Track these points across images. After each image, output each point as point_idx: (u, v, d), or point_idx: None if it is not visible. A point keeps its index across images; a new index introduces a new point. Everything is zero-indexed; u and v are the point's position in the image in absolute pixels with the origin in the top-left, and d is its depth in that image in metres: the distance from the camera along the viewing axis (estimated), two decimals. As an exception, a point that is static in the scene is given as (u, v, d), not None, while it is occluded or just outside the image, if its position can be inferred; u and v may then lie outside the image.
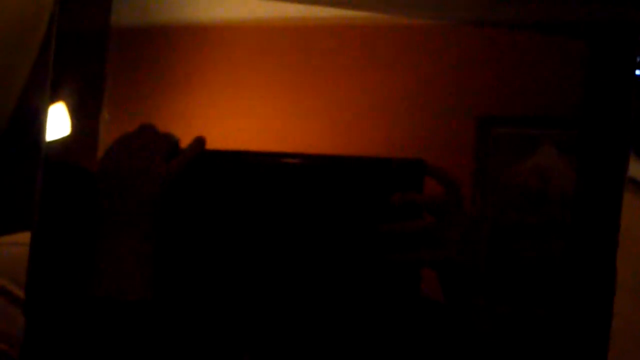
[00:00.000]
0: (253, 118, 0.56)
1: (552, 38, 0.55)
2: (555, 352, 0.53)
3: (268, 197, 0.50)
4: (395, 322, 0.51)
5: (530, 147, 0.56)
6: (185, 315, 0.49)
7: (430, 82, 0.57)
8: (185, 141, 0.50)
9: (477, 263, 0.50)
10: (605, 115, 0.52)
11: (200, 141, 0.49)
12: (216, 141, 0.50)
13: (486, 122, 0.57)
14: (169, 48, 0.54)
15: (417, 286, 0.50)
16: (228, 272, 0.50)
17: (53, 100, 0.49)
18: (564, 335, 0.53)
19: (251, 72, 0.56)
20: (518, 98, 0.58)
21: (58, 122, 0.50)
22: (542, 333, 0.54)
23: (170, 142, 0.48)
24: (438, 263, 0.49)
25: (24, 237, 0.52)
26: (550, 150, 0.56)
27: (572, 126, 0.55)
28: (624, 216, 0.52)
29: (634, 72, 0.52)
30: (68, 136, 0.50)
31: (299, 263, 0.50)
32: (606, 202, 0.52)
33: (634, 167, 0.78)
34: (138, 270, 0.45)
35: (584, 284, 0.52)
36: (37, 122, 0.48)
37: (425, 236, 0.49)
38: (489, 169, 0.57)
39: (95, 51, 0.51)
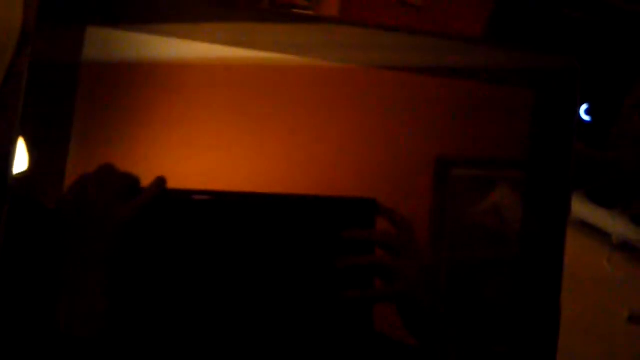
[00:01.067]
0: (215, 157, 0.56)
1: (502, 85, 0.57)
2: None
3: (224, 235, 0.50)
4: (350, 358, 0.51)
5: (487, 188, 0.57)
6: (142, 352, 0.49)
7: (388, 124, 0.58)
8: (147, 180, 0.50)
9: (434, 299, 0.51)
10: (549, 157, 0.55)
11: (160, 181, 0.49)
12: (177, 179, 0.51)
13: (445, 164, 0.57)
14: (134, 87, 0.55)
15: (370, 322, 0.50)
16: (183, 309, 0.50)
17: (20, 134, 0.49)
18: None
19: (217, 112, 0.56)
20: (474, 140, 0.59)
21: (24, 157, 0.49)
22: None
23: (130, 181, 0.49)
24: (393, 298, 0.49)
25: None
26: (506, 189, 0.57)
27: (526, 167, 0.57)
28: (574, 256, 0.54)
29: (575, 116, 0.55)
30: (34, 172, 0.49)
31: (253, 300, 0.50)
32: (551, 241, 0.54)
33: (584, 211, 0.80)
34: (96, 307, 0.46)
35: (530, 321, 0.53)
36: (3, 157, 0.48)
37: (380, 270, 0.49)
38: (447, 208, 0.57)
39: (66, 86, 0.51)
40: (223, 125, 0.56)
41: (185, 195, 0.50)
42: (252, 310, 0.50)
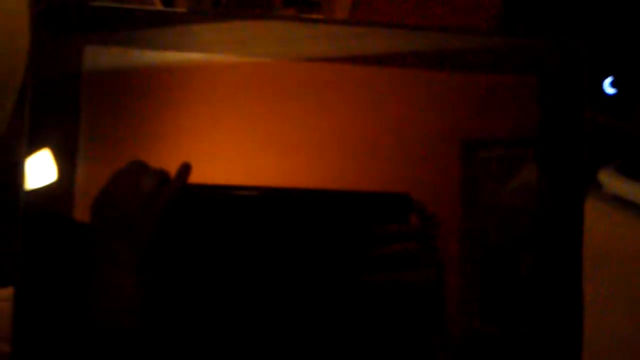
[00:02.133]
0: (235, 156, 0.55)
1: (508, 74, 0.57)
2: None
3: (256, 231, 0.50)
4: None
5: (514, 167, 0.56)
6: (174, 344, 0.50)
7: (410, 115, 0.57)
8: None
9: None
10: (562, 131, 0.54)
11: (185, 168, 0.50)
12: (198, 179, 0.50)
13: (470, 146, 0.57)
14: (142, 91, 0.55)
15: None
16: (215, 301, 0.50)
17: (31, 149, 0.49)
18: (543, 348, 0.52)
19: (231, 110, 0.56)
20: (497, 123, 0.58)
21: (36, 172, 0.49)
22: (529, 351, 0.53)
23: (162, 177, 0.49)
24: (418, 284, 0.50)
25: (6, 292, 0.52)
26: (534, 166, 0.56)
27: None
28: (610, 232, 0.53)
29: (583, 90, 0.54)
30: (46, 185, 0.50)
31: (284, 294, 0.50)
32: (569, 214, 0.53)
33: (617, 185, 0.79)
34: (131, 300, 0.47)
35: (552, 297, 0.52)
36: (14, 174, 0.48)
37: (409, 259, 0.49)
38: (477, 191, 0.56)
39: (70, 97, 0.51)
40: (243, 123, 0.55)
41: (213, 190, 0.50)
42: (284, 306, 0.50)
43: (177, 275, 0.50)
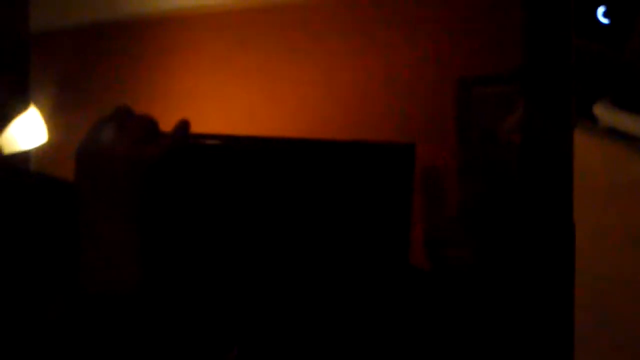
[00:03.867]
0: (232, 103, 0.55)
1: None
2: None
3: (258, 181, 0.49)
4: (384, 294, 0.50)
5: (512, 104, 0.56)
6: (175, 307, 0.48)
7: (407, 53, 0.56)
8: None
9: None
10: (548, 62, 0.53)
11: (184, 123, 0.47)
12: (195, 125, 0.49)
13: (466, 84, 0.56)
14: (132, 39, 0.53)
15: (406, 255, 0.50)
16: (215, 262, 0.49)
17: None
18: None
19: (217, 61, 0.55)
20: (492, 58, 0.57)
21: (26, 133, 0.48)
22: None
23: (150, 123, 0.46)
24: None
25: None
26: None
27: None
28: (608, 164, 0.52)
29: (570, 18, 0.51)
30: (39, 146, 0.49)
31: (286, 250, 0.50)
32: (556, 145, 0.52)
33: (612, 117, 0.78)
34: (126, 263, 0.44)
35: (542, 233, 0.52)
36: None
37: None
38: (472, 127, 0.56)
39: (19, 53, 0.49)
40: (221, 74, 0.54)
41: (210, 141, 0.49)
42: (285, 260, 0.50)
43: (175, 232, 0.49)
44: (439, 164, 0.55)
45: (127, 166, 0.44)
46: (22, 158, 0.49)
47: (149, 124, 0.46)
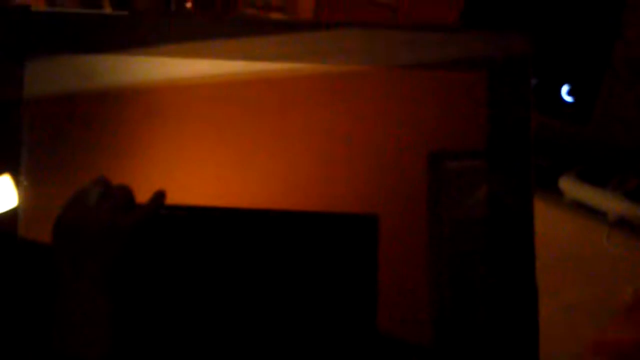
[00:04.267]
0: (199, 174, 0.55)
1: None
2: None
3: (228, 252, 0.49)
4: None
5: (482, 178, 0.57)
6: None
7: (378, 122, 0.58)
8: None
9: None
10: (509, 137, 0.55)
11: (160, 194, 0.49)
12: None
13: (437, 158, 0.57)
14: (96, 113, 0.54)
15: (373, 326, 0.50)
16: (187, 329, 0.50)
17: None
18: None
19: (199, 129, 0.55)
20: (464, 133, 0.59)
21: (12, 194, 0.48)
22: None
23: (126, 193, 0.48)
24: None
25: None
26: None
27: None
28: (573, 237, 0.53)
29: (529, 92, 0.55)
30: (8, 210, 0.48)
31: (256, 319, 0.51)
32: (518, 218, 0.54)
33: (577, 191, 0.80)
34: (99, 329, 0.45)
35: (508, 299, 0.53)
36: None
37: None
38: (442, 201, 0.57)
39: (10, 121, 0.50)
40: (205, 142, 0.55)
41: (185, 211, 0.50)
42: (252, 324, 0.51)
43: (148, 295, 0.49)
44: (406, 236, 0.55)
45: (104, 235, 0.46)
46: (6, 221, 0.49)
47: (127, 194, 0.48)
